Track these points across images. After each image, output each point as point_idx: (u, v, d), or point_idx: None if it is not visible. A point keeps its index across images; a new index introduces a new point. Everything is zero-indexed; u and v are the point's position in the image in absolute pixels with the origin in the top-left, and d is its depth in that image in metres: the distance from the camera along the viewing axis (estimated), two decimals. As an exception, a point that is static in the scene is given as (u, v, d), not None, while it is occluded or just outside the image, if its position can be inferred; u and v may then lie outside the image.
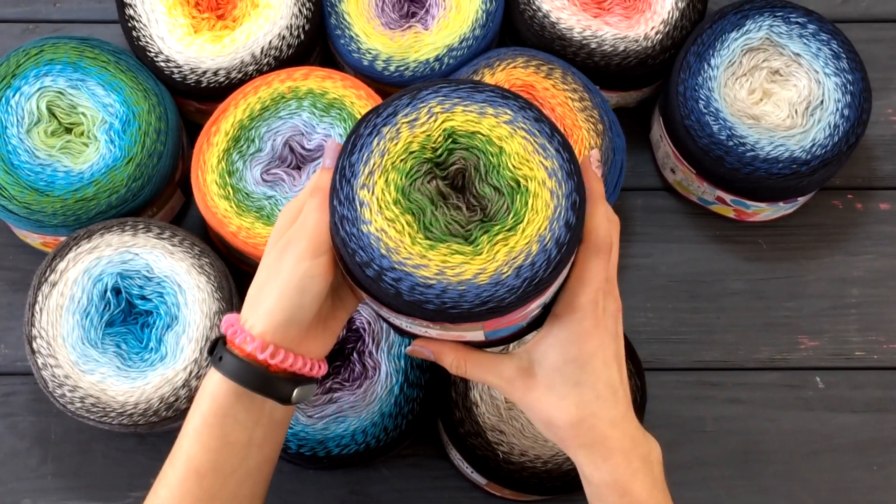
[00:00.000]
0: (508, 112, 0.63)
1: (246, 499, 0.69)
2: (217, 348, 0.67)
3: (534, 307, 0.62)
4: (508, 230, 0.61)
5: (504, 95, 0.63)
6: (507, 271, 0.60)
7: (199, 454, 0.66)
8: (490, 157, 0.63)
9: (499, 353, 0.68)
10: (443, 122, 0.63)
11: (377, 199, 0.62)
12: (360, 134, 0.63)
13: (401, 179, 0.62)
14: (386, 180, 0.62)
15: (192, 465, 0.66)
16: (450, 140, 0.63)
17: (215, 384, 0.66)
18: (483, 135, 0.63)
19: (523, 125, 0.63)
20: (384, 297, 0.61)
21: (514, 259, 0.60)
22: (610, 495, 0.65)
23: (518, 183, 0.62)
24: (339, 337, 0.79)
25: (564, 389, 0.65)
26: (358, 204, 0.62)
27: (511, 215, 0.62)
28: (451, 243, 0.61)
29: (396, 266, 0.60)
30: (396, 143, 0.62)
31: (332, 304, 0.69)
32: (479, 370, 0.68)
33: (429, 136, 0.63)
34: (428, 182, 0.63)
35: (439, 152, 0.63)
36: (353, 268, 0.61)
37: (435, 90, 0.63)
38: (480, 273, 0.60)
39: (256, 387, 0.66)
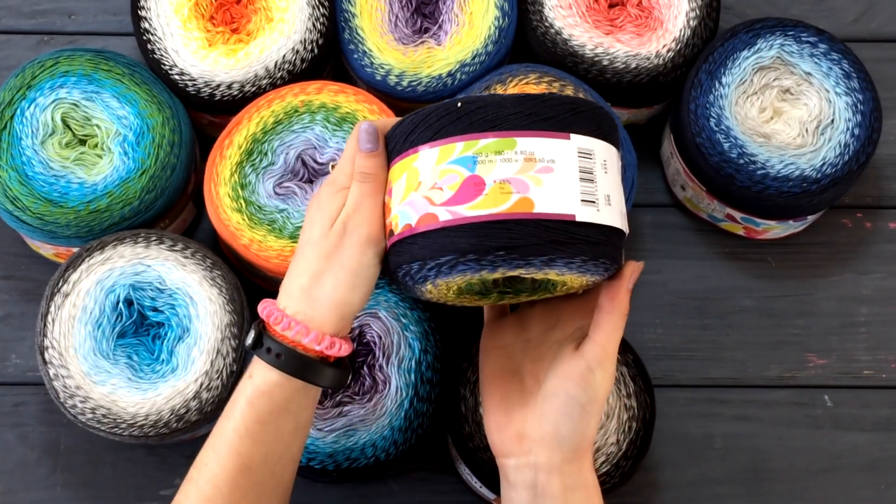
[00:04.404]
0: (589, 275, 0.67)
1: (288, 480, 0.70)
2: (265, 340, 0.66)
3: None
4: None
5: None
6: None
7: (250, 450, 0.66)
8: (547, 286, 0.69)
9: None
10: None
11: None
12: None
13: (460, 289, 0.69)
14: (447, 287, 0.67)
15: (243, 461, 0.66)
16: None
17: (272, 382, 0.66)
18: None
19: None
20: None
21: None
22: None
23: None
24: None
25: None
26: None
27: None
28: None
29: None
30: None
31: None
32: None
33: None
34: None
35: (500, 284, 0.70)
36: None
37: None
38: None
39: (315, 379, 0.66)
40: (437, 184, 0.63)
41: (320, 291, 0.66)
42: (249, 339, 0.67)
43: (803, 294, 0.98)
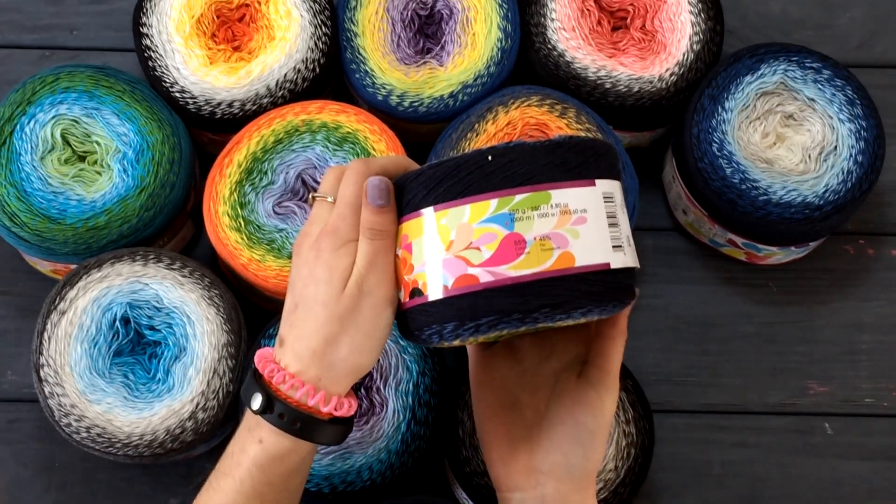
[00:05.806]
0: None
1: None
2: (277, 406, 0.63)
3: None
4: None
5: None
6: None
7: None
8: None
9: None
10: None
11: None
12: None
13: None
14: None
15: None
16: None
17: (286, 448, 0.64)
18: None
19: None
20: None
21: None
22: None
23: None
24: None
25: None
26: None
27: None
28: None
29: None
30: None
31: None
32: None
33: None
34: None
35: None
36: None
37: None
38: None
39: (328, 439, 0.65)
40: (472, 243, 0.61)
41: (336, 356, 0.63)
42: (257, 405, 0.63)
43: (805, 321, 0.97)
